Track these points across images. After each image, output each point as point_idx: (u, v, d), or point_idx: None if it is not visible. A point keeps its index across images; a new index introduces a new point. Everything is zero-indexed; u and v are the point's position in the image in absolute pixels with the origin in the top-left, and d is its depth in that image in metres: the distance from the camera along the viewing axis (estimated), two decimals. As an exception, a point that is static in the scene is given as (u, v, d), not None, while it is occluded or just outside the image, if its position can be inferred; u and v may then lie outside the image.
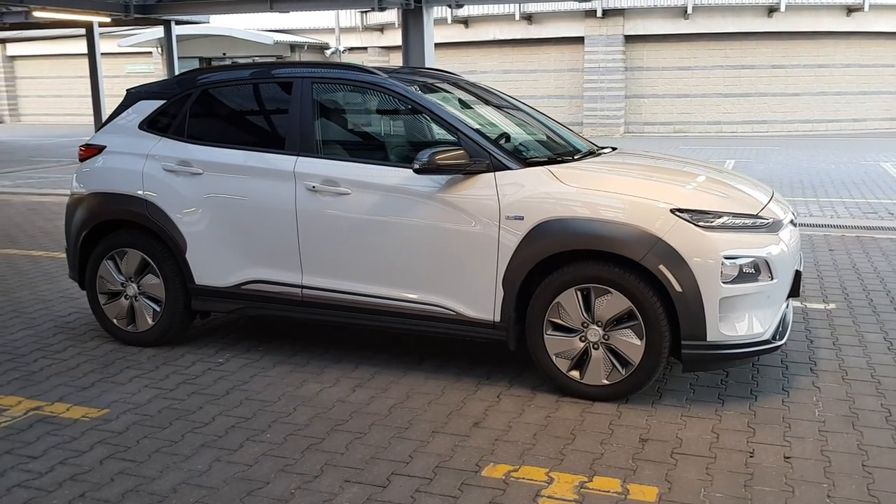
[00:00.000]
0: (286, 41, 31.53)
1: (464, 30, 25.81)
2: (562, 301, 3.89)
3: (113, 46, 30.34)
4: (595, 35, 22.78)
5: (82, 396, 4.16)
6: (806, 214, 9.19)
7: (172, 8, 13.18)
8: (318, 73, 4.56)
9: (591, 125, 23.38)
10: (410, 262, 4.19)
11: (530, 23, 23.94)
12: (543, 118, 5.33)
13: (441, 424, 3.71)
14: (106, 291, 4.98)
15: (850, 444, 3.42)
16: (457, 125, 4.17)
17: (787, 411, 3.78)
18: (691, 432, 3.58)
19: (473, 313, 4.09)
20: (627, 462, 3.31)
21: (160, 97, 4.96)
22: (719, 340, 3.71)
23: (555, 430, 3.63)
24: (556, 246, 3.86)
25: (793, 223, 4.24)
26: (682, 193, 3.88)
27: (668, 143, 19.72)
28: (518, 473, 3.23)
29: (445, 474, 3.23)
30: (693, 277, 3.66)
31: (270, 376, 4.39)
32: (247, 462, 3.38)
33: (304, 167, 4.39)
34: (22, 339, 5.13)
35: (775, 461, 3.29)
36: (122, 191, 4.85)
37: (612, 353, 3.86)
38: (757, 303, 3.78)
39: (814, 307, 5.47)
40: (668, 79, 22.81)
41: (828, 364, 4.38)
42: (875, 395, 3.93)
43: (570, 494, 3.05)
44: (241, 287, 4.64)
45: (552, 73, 24.43)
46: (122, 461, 3.41)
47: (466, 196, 4.04)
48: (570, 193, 3.88)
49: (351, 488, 3.14)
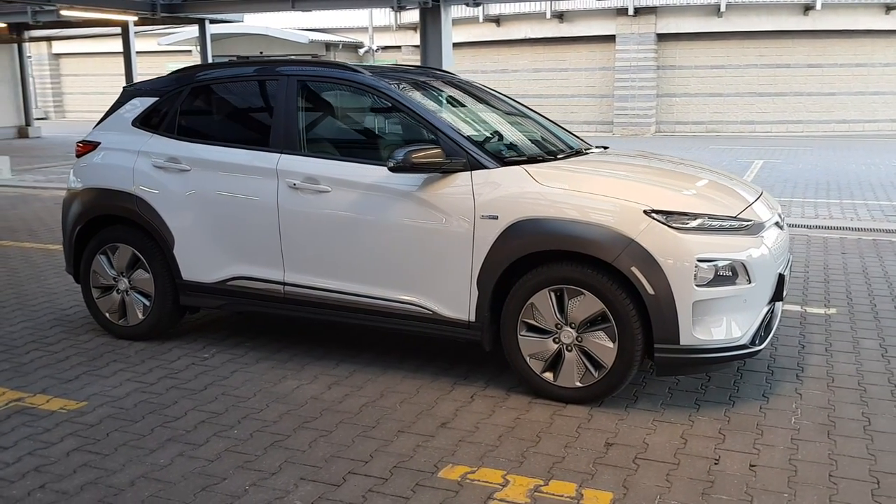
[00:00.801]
0: (321, 40, 31.78)
1: (495, 28, 25.76)
2: (535, 302, 3.85)
3: (153, 45, 30.88)
4: (626, 33, 22.53)
5: (64, 388, 4.22)
6: (825, 217, 8.99)
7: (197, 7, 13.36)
8: (302, 71, 4.57)
9: (621, 124, 23.16)
10: (388, 261, 4.18)
11: (561, 21, 23.79)
12: (537, 117, 5.29)
13: (408, 424, 3.69)
14: (99, 286, 5.05)
15: (820, 454, 3.32)
16: (436, 124, 4.14)
17: (763, 418, 3.69)
18: (660, 437, 3.51)
19: (449, 313, 4.07)
20: (588, 466, 3.25)
21: (153, 94, 5.02)
22: (693, 344, 3.63)
23: (521, 432, 3.59)
24: (530, 246, 3.81)
25: (778, 225, 4.13)
26: (657, 194, 3.80)
27: (699, 143, 19.43)
28: (475, 475, 3.19)
29: (402, 474, 3.21)
30: (666, 280, 3.58)
31: (251, 372, 4.41)
32: (209, 457, 3.40)
33: (286, 165, 4.40)
34: (20, 331, 5.23)
35: (740, 469, 3.21)
36: (114, 187, 4.92)
37: (586, 356, 3.80)
38: (734, 306, 3.69)
39: (813, 311, 5.33)
40: (700, 77, 22.48)
41: (815, 370, 4.27)
42: (857, 404, 3.82)
43: (523, 498, 3.01)
44: (226, 283, 4.67)
45: (583, 72, 24.24)
46: (88, 453, 3.45)
47: (443, 195, 4.01)
48: (544, 193, 3.83)
49: (305, 486, 3.13)
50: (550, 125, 5.20)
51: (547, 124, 5.19)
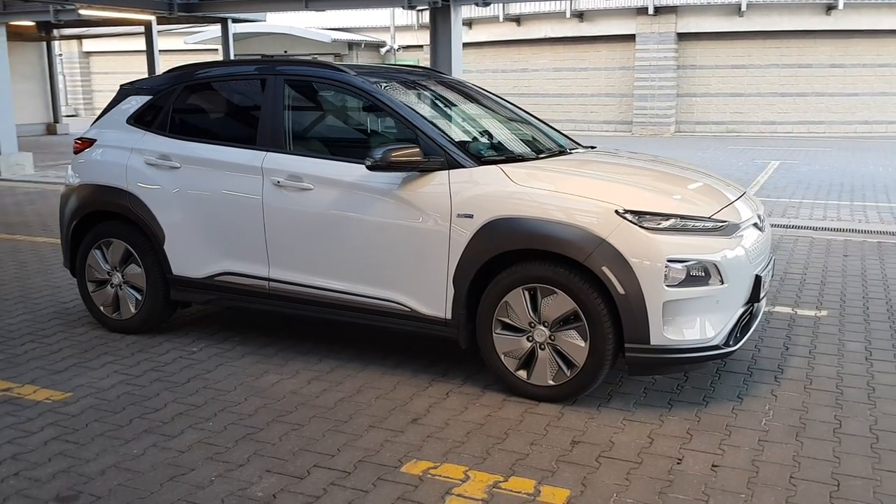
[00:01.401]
0: (344, 39, 31.97)
1: (516, 28, 25.74)
2: (510, 300, 3.87)
3: (180, 44, 31.25)
4: (647, 33, 22.40)
5: (53, 380, 4.32)
6: (833, 219, 8.90)
7: (214, 6, 13.52)
8: (289, 70, 4.64)
9: (640, 124, 23.04)
10: (368, 258, 4.23)
11: (581, 20, 23.71)
12: (527, 116, 5.30)
13: (380, 419, 3.74)
14: (94, 280, 5.16)
15: (785, 456, 3.31)
16: (415, 123, 4.18)
17: (734, 419, 3.68)
18: (627, 436, 3.52)
19: (427, 310, 4.11)
20: (550, 464, 3.27)
21: (148, 92, 5.11)
22: (664, 344, 3.64)
23: (490, 429, 3.62)
24: (504, 245, 3.84)
25: (757, 226, 4.11)
26: (630, 194, 3.80)
27: (718, 144, 19.29)
28: (437, 471, 3.23)
29: (366, 468, 3.26)
30: (636, 280, 3.59)
31: (235, 366, 4.49)
32: (181, 448, 3.47)
33: (271, 163, 4.47)
34: (19, 324, 5.35)
35: (701, 469, 3.21)
36: (109, 183, 5.02)
37: (558, 354, 3.82)
38: (706, 307, 3.69)
39: (803, 314, 5.30)
40: (721, 77, 22.29)
41: (795, 372, 4.25)
42: (832, 406, 3.80)
43: (480, 493, 3.04)
44: (214, 278, 4.75)
45: (603, 72, 24.14)
46: (65, 443, 3.54)
47: (421, 193, 4.05)
48: (518, 192, 3.86)
49: (269, 478, 3.19)
50: (540, 125, 5.21)
51: (536, 124, 5.21)
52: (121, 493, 3.09)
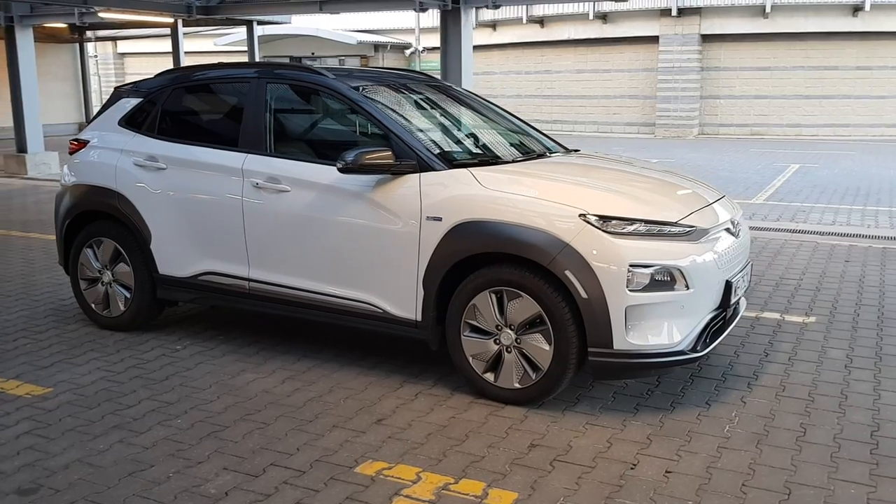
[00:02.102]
0: (369, 41, 32.17)
1: (539, 29, 25.70)
2: (477, 303, 3.89)
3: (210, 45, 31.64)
4: (670, 34, 22.23)
5: (37, 375, 4.42)
6: (843, 223, 8.77)
7: (231, 9, 13.65)
8: (270, 73, 4.70)
9: (663, 126, 22.86)
10: (342, 259, 4.27)
11: (605, 22, 23.60)
12: (513, 119, 5.31)
13: (345, 420, 3.77)
14: (86, 277, 5.27)
15: (741, 463, 3.29)
16: (389, 126, 4.21)
17: (697, 425, 3.66)
18: (586, 440, 3.52)
19: (398, 312, 4.14)
20: (504, 467, 3.28)
21: (139, 95, 5.21)
22: (627, 349, 3.63)
23: (452, 431, 3.64)
24: (471, 248, 3.86)
25: (730, 232, 4.07)
26: (596, 199, 3.80)
27: (739, 146, 19.08)
28: (390, 471, 3.26)
29: (321, 468, 3.30)
30: (598, 284, 3.59)
31: (215, 364, 4.55)
32: (145, 444, 3.54)
33: (251, 164, 4.53)
34: (16, 320, 5.48)
35: (654, 475, 3.20)
36: (100, 183, 5.12)
37: (524, 358, 3.83)
38: (670, 312, 3.67)
39: (791, 320, 5.24)
40: (745, 79, 22.05)
41: (770, 379, 4.21)
42: (800, 414, 3.76)
43: (428, 495, 3.07)
44: (197, 278, 4.82)
45: (626, 73, 24.00)
46: (36, 437, 3.63)
47: (393, 196, 4.08)
48: (485, 196, 3.87)
49: (225, 475, 3.24)
50: (526, 129, 5.22)
51: (522, 128, 5.22)
52: (79, 487, 3.16)
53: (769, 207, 10.05)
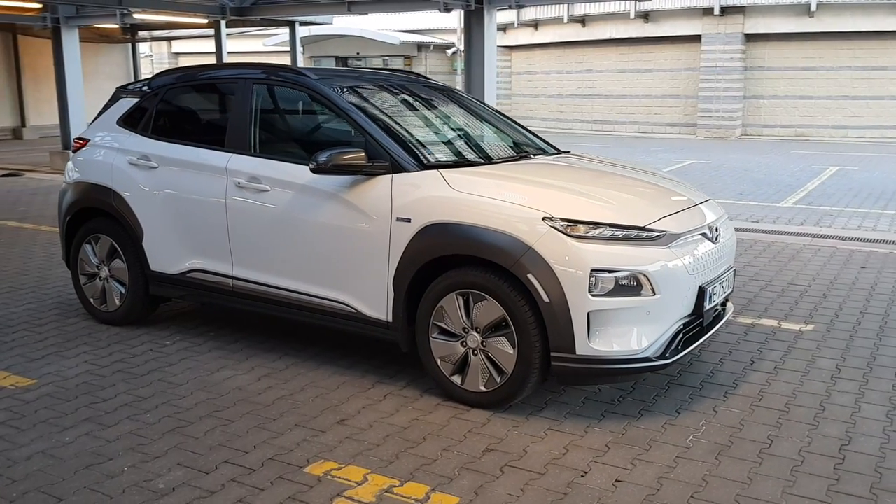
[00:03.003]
0: (412, 41, 32.33)
1: (580, 29, 25.50)
2: (444, 305, 3.87)
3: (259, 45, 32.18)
4: (713, 33, 21.82)
5: (26, 367, 4.54)
6: (868, 229, 8.50)
7: (263, 10, 13.85)
8: (255, 74, 4.75)
9: (705, 126, 22.46)
10: (318, 259, 4.29)
11: (647, 21, 23.29)
12: (504, 121, 5.28)
13: (309, 419, 3.79)
14: (85, 273, 5.39)
15: (695, 474, 3.20)
16: (365, 126, 4.21)
17: (661, 433, 3.58)
18: (543, 446, 3.47)
19: (371, 312, 4.14)
20: (453, 471, 3.26)
21: (136, 95, 5.31)
22: (589, 355, 3.57)
23: (411, 433, 3.62)
24: (437, 249, 3.84)
25: (707, 237, 3.97)
26: (562, 202, 3.73)
27: (780, 147, 18.64)
28: (339, 472, 3.26)
29: (272, 467, 3.31)
30: (561, 288, 3.54)
31: (198, 361, 4.61)
32: (109, 438, 3.60)
33: (234, 164, 4.59)
34: (22, 312, 5.63)
35: (603, 483, 3.14)
36: (97, 181, 5.24)
37: (490, 361, 3.79)
38: (636, 318, 3.60)
39: (788, 327, 5.09)
40: (790, 79, 21.52)
41: (748, 388, 4.09)
42: (770, 425, 3.65)
43: (370, 497, 3.06)
44: (185, 275, 4.90)
45: (668, 73, 23.64)
46: (8, 427, 3.72)
47: (365, 196, 4.08)
48: (453, 198, 3.85)
49: (177, 471, 3.28)
50: (514, 129, 5.18)
51: (513, 129, 5.18)
52: (35, 479, 3.23)
53: (796, 211, 9.80)
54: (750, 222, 8.99)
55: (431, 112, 5.05)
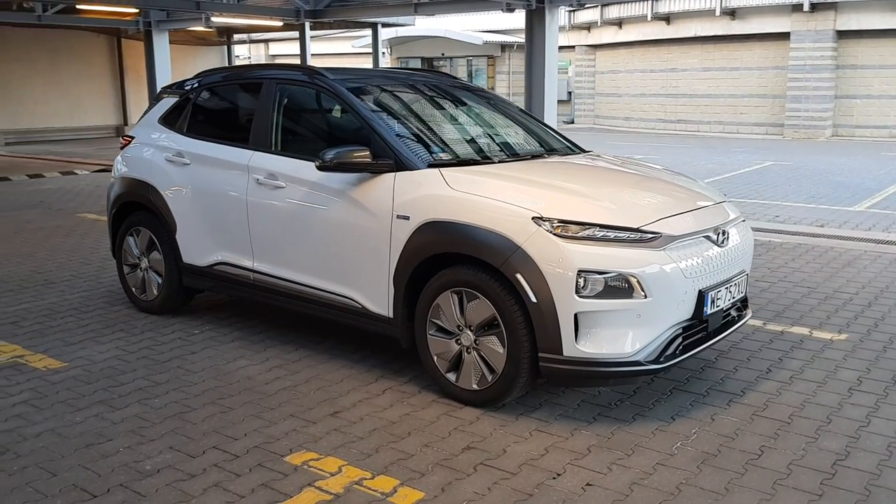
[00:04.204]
0: (496, 41, 32.37)
1: (665, 27, 24.93)
2: (440, 303, 3.89)
3: (348, 47, 32.90)
4: (802, 30, 20.95)
5: (62, 351, 4.81)
6: (941, 236, 8.01)
7: (336, 13, 14.16)
8: (278, 74, 4.89)
9: (793, 127, 21.60)
10: (329, 254, 4.39)
11: (733, 18, 22.57)
12: (527, 119, 5.26)
13: (305, 409, 3.88)
14: (128, 263, 5.68)
15: (669, 482, 3.12)
16: (373, 125, 4.28)
17: (648, 439, 3.50)
18: (524, 446, 3.45)
19: (374, 308, 4.21)
20: (427, 467, 3.28)
21: (175, 95, 5.55)
22: (576, 356, 3.52)
23: (399, 427, 3.66)
24: (433, 247, 3.87)
25: (711, 239, 3.85)
26: (555, 202, 3.69)
27: (873, 150, 17.72)
28: (317, 463, 3.33)
29: (255, 454, 3.41)
30: (548, 289, 3.51)
31: (218, 349, 4.79)
32: (115, 420, 3.79)
33: (255, 161, 4.74)
34: (74, 300, 5.95)
35: (573, 487, 3.10)
36: (139, 177, 5.50)
37: (482, 359, 3.80)
38: (625, 321, 3.53)
39: (819, 336, 4.88)
40: (885, 78, 20.44)
41: (756, 397, 3.95)
42: (766, 436, 3.51)
43: (338, 488, 3.12)
44: (213, 267, 5.09)
45: (755, 71, 22.84)
46: (29, 406, 3.96)
47: (370, 193, 4.15)
48: (449, 197, 3.87)
49: (166, 454, 3.42)
50: (535, 128, 5.16)
51: (531, 127, 5.17)
52: (37, 454, 3.43)
53: (867, 216, 9.33)
54: (813, 227, 8.62)
55: (449, 111, 5.07)
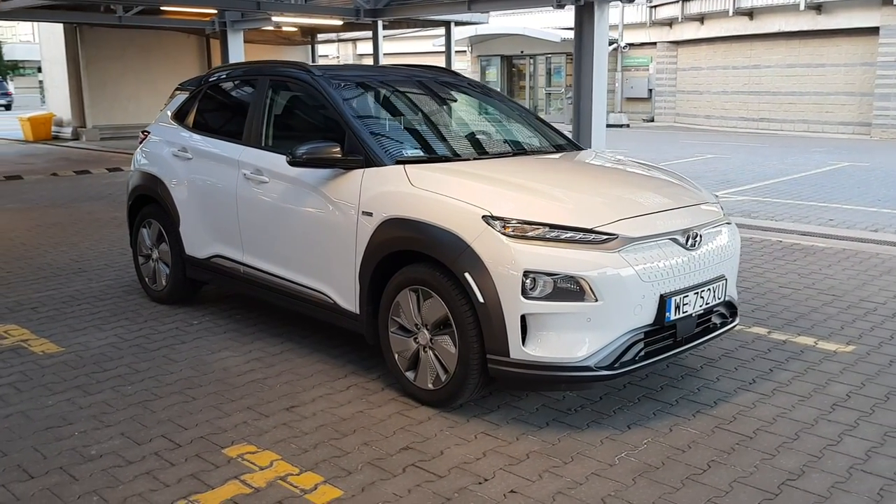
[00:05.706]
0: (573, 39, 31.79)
1: (747, 22, 24.06)
2: (400, 301, 3.86)
3: (430, 46, 33.11)
4: (892, 25, 19.83)
5: (64, 336, 5.00)
6: None
7: (395, 11, 14.25)
8: (271, 70, 4.94)
9: (881, 126, 20.47)
10: (305, 249, 4.41)
11: (819, 13, 21.56)
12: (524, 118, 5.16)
13: (263, 403, 3.91)
14: (142, 254, 5.86)
15: (597, 493, 2.99)
16: (347, 121, 4.27)
17: (593, 448, 3.37)
18: (463, 450, 3.37)
19: (343, 303, 4.21)
20: (357, 465, 3.25)
21: (185, 91, 5.70)
22: (523, 359, 3.42)
23: (346, 425, 3.64)
24: (391, 244, 3.84)
25: (678, 242, 3.66)
26: (507, 200, 3.58)
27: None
28: (252, 456, 3.34)
29: (197, 445, 3.45)
30: (495, 289, 3.42)
31: (208, 340, 4.88)
32: (83, 405, 3.90)
33: (245, 157, 4.81)
34: (96, 288, 6.17)
35: (496, 493, 3.01)
36: (150, 171, 5.67)
37: (437, 359, 3.74)
38: (575, 324, 3.40)
39: (823, 347, 4.59)
40: (984, 75, 19.10)
41: (728, 409, 3.75)
42: (721, 451, 3.32)
43: (261, 483, 3.11)
44: (210, 260, 5.20)
45: (841, 68, 21.75)
46: (10, 388, 4.12)
47: (339, 189, 4.15)
48: (409, 194, 3.82)
49: (116, 440, 3.50)
50: (530, 127, 5.06)
51: (527, 126, 5.06)
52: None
53: (929, 221, 8.75)
54: (867, 231, 8.14)
55: (436, 109, 5.02)
